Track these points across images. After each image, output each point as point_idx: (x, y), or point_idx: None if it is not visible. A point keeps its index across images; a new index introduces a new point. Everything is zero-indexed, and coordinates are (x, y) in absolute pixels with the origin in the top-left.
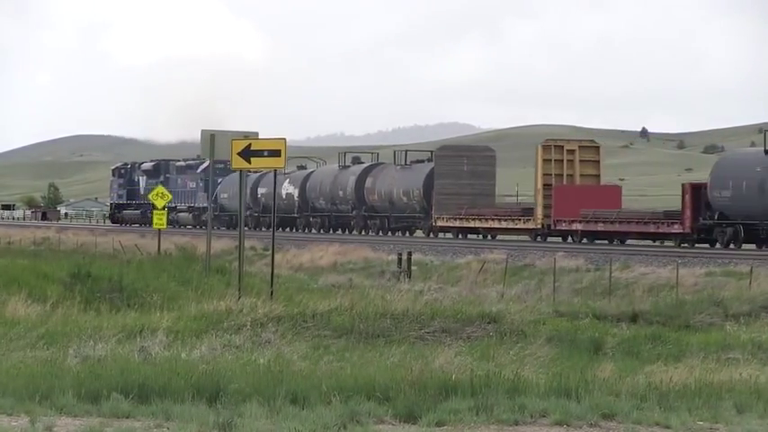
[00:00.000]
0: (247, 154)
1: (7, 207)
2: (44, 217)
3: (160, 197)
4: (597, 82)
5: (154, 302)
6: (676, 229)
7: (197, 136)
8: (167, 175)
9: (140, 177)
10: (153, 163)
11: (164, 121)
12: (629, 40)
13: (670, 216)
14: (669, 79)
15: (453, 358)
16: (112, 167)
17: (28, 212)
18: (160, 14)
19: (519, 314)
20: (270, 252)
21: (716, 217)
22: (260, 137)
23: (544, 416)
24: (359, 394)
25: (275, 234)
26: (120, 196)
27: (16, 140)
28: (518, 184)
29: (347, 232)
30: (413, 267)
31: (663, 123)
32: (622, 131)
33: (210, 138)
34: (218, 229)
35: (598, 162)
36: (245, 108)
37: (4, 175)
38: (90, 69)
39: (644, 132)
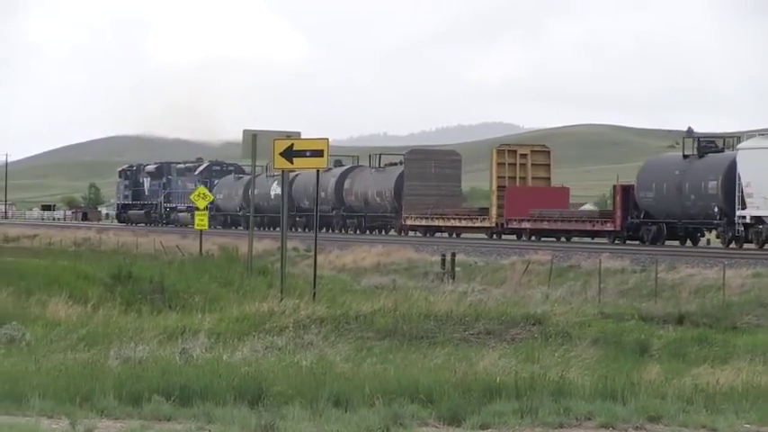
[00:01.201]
0: (289, 154)
1: (48, 207)
2: (85, 217)
3: (202, 198)
4: (641, 81)
5: (195, 304)
6: (609, 227)
7: (239, 136)
8: (169, 177)
9: (145, 179)
10: (156, 165)
11: (205, 121)
12: (672, 38)
13: (605, 215)
14: (714, 78)
15: (497, 360)
16: (119, 169)
17: (68, 213)
18: (197, 14)
19: (564, 316)
20: (312, 253)
21: (642, 216)
22: (302, 137)
23: (589, 419)
24: (402, 396)
25: (318, 235)
26: (125, 197)
27: (56, 141)
28: (562, 184)
29: (329, 231)
30: (456, 268)
31: (708, 123)
32: (668, 131)
33: (252, 138)
34: (216, 228)
35: (549, 165)
36: (287, 108)
37: (44, 176)
38: (127, 69)
39: (690, 132)
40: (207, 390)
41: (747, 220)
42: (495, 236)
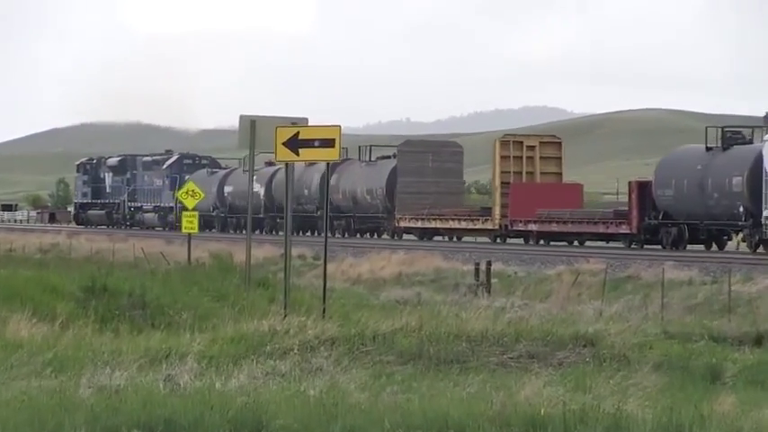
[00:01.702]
0: (295, 144)
1: (8, 207)
2: (52, 219)
3: (190, 195)
4: (708, 58)
5: (183, 321)
6: (624, 229)
7: (235, 122)
8: (134, 172)
9: (106, 174)
10: (119, 158)
11: (197, 105)
12: (744, 5)
13: (619, 216)
14: None
15: (542, 389)
16: (76, 163)
17: (33, 214)
18: None
19: (620, 336)
20: (321, 261)
21: (660, 217)
22: (309, 124)
23: None
24: None
25: (328, 240)
26: (84, 195)
27: (19, 129)
28: (618, 179)
29: (314, 234)
30: (493, 280)
31: None
32: (742, 117)
33: (251, 125)
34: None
35: (560, 159)
36: (290, 91)
37: (4, 170)
38: (107, 45)
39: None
40: (196, 424)
41: None
42: (498, 239)
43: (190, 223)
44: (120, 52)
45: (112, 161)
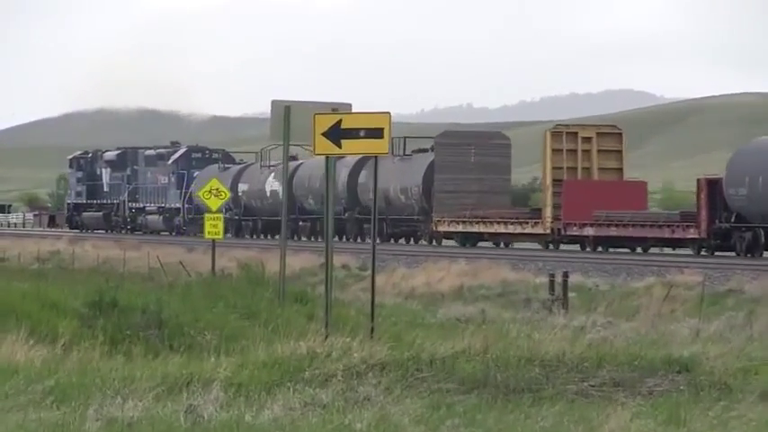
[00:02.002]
0: (336, 134)
1: (0, 209)
2: (52, 222)
3: (214, 195)
4: None
5: (206, 343)
6: (692, 233)
7: (263, 109)
8: (135, 167)
9: (103, 170)
10: (118, 152)
11: (214, 88)
12: None
13: (687, 218)
14: None
15: (629, 422)
16: (69, 157)
17: (29, 216)
18: None
19: (721, 360)
20: (369, 272)
21: (733, 219)
22: (353, 110)
23: None
24: None
25: (376, 247)
26: (78, 194)
27: (14, 117)
28: None
29: (342, 239)
30: (570, 294)
31: None
32: None
33: (285, 111)
34: (196, 235)
35: (620, 152)
36: (328, 72)
37: None
38: (111, 20)
39: None
40: None
41: None
42: (550, 245)
43: (214, 227)
44: (124, 29)
45: (110, 155)
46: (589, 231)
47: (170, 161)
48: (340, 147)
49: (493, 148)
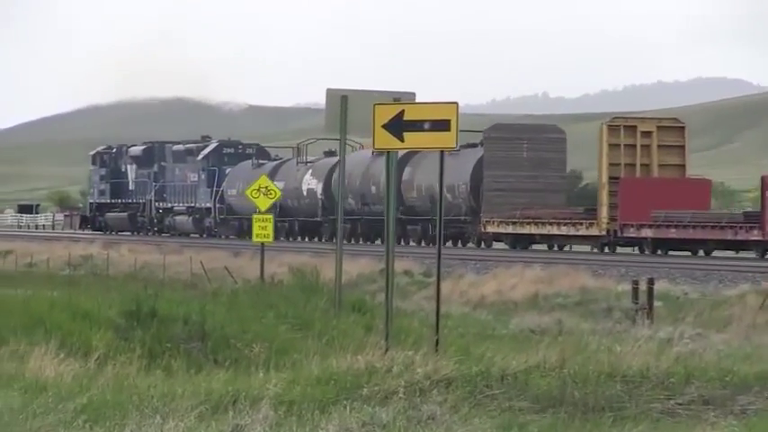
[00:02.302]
0: (398, 126)
1: (27, 209)
2: (84, 224)
3: (263, 194)
4: None
5: (254, 357)
6: (755, 235)
7: (317, 99)
8: (162, 164)
9: (129, 166)
10: (144, 146)
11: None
12: None
13: (750, 218)
14: None
15: None
16: (91, 153)
17: (59, 217)
18: None
19: None
20: (434, 279)
21: None
22: (417, 100)
23: None
24: None
25: (441, 252)
26: (101, 193)
27: (42, 108)
28: None
29: (383, 242)
30: (656, 303)
31: None
32: None
33: (342, 101)
34: (228, 237)
35: (683, 147)
36: (390, 58)
37: (20, 161)
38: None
39: None
40: None
41: None
42: (607, 248)
43: (263, 230)
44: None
45: (136, 150)
46: (647, 233)
47: (200, 157)
48: (402, 140)
49: (547, 142)
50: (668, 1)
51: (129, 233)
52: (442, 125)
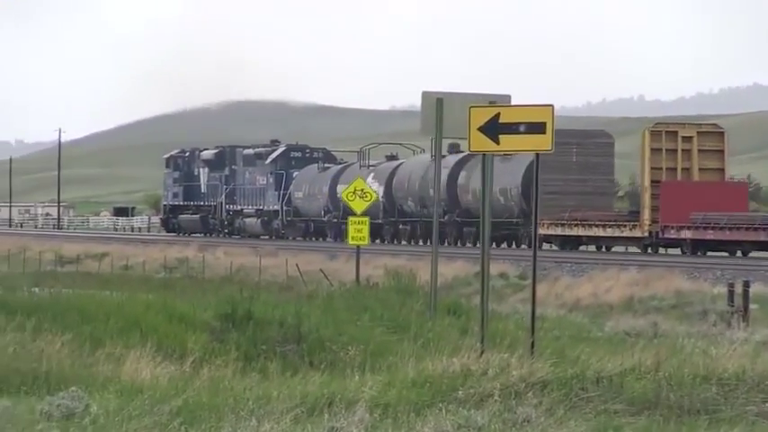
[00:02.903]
0: (493, 129)
1: (123, 212)
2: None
3: (359, 197)
4: None
5: (350, 359)
6: (763, 236)
7: (413, 101)
8: (233, 167)
9: (201, 169)
10: (216, 150)
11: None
12: None
13: (765, 221)
14: None
15: None
16: (165, 156)
17: (155, 219)
18: None
19: None
20: (529, 282)
21: None
22: (513, 102)
23: None
24: None
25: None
26: (175, 195)
27: (137, 110)
28: None
29: (441, 243)
30: (752, 305)
31: None
32: None
33: (437, 104)
34: (295, 239)
35: (722, 152)
36: (485, 60)
37: (115, 163)
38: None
39: None
40: None
41: None
42: (650, 249)
43: (358, 232)
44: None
45: (208, 154)
46: (686, 234)
47: (268, 161)
48: (498, 143)
49: (596, 147)
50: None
51: (200, 234)
52: (537, 128)
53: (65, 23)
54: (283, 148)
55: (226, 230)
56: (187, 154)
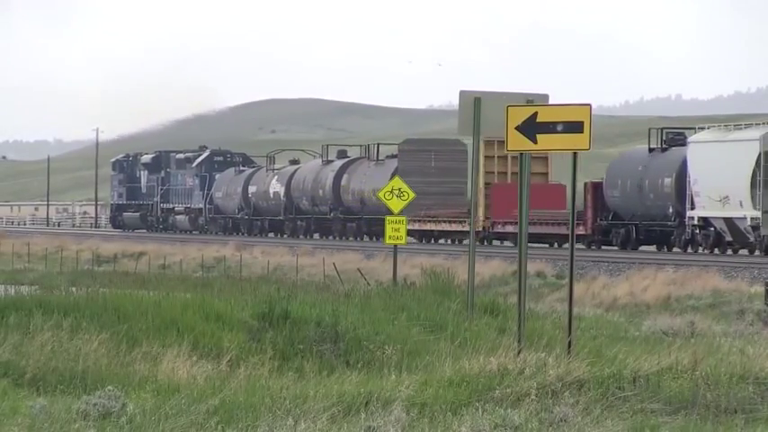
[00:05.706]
0: (531, 129)
1: None
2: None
3: (396, 196)
4: None
5: (387, 359)
6: (581, 230)
7: (450, 100)
8: (168, 170)
9: (141, 172)
10: (153, 155)
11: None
12: None
13: (580, 217)
14: None
15: None
16: (112, 160)
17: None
18: None
19: None
20: (567, 281)
21: (610, 217)
22: (550, 102)
23: None
24: None
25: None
26: (119, 195)
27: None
28: None
29: (328, 237)
30: None
31: None
32: None
33: (475, 103)
34: (216, 233)
35: (546, 159)
36: (528, 61)
37: None
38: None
39: None
40: None
41: (695, 222)
42: (485, 241)
43: (396, 231)
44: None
45: (146, 158)
46: (510, 228)
47: (195, 164)
48: (535, 142)
49: (450, 154)
50: None
51: (143, 230)
52: (575, 127)
53: (104, 25)
54: (207, 153)
55: (161, 226)
56: (130, 158)
